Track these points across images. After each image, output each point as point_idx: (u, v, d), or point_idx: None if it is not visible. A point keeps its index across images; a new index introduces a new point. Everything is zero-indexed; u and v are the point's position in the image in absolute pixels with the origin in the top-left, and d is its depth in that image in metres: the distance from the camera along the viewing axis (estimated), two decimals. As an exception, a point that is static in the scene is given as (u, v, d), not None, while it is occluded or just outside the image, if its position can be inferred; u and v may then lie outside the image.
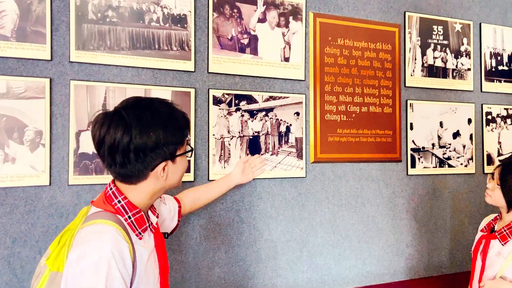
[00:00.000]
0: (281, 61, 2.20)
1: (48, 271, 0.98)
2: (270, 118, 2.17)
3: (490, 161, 2.75)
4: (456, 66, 2.67)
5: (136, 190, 1.07)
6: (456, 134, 2.65)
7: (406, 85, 2.52)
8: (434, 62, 2.60)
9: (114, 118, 1.00)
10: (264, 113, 2.16)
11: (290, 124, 2.21)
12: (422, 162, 2.54)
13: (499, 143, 2.79)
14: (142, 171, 1.04)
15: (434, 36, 2.60)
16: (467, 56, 2.70)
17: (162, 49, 1.96)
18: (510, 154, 2.81)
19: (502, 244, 1.72)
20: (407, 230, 2.48)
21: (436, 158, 2.59)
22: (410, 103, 2.52)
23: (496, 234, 1.76)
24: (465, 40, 2.69)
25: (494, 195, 1.78)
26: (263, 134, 2.15)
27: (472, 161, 2.69)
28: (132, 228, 1.04)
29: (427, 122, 2.57)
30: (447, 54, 2.64)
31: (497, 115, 2.79)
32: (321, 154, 2.27)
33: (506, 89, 2.82)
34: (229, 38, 2.09)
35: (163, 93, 1.93)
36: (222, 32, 2.08)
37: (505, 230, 1.73)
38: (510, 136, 2.82)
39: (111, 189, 1.06)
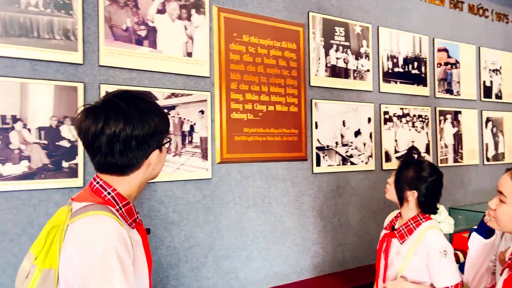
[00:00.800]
0: (184, 56, 2.07)
1: (39, 270, 0.94)
2: (173, 117, 2.03)
3: (388, 158, 2.90)
4: (357, 67, 2.77)
5: (124, 181, 1.05)
6: (357, 133, 2.75)
7: (311, 84, 2.54)
8: (337, 62, 2.67)
9: (110, 109, 0.98)
10: (165, 111, 2.00)
11: (194, 123, 2.09)
12: (326, 160, 2.59)
13: (396, 140, 2.96)
14: (140, 159, 1.03)
15: (336, 37, 2.67)
16: (367, 58, 2.82)
17: (43, 38, 1.71)
18: (406, 151, 3.00)
19: (400, 243, 1.69)
20: (313, 228, 2.51)
21: (340, 156, 2.66)
22: (315, 103, 2.55)
23: (396, 233, 1.73)
24: (364, 42, 2.81)
25: (391, 191, 1.77)
26: (164, 134, 2.00)
27: (372, 158, 2.82)
28: (124, 218, 1.03)
29: (331, 121, 2.62)
30: (348, 55, 2.73)
31: (394, 114, 2.96)
32: (228, 154, 2.19)
33: (401, 90, 3.00)
34: (124, 28, 1.91)
35: (44, 87, 1.69)
36: (115, 21, 1.88)
37: (403, 229, 1.70)
38: (405, 134, 3.01)
39: (97, 182, 1.03)
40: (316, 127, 2.55)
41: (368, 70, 2.82)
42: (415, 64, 3.10)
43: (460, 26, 3.42)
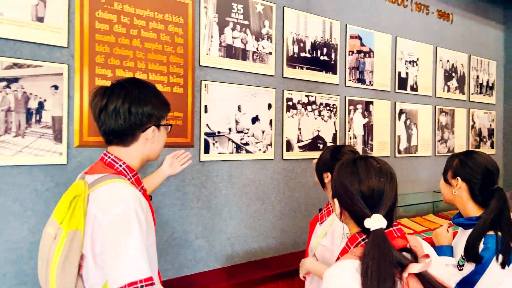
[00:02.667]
0: (32, 20, 1.78)
1: (65, 232, 1.09)
2: (14, 91, 1.73)
3: (289, 147, 2.76)
4: (257, 48, 2.58)
5: (129, 154, 1.24)
6: (255, 119, 2.57)
7: (201, 64, 2.32)
8: (233, 42, 2.47)
9: (116, 89, 1.22)
10: (4, 83, 1.71)
11: (45, 100, 1.81)
12: (217, 148, 2.39)
13: (299, 129, 2.82)
14: (136, 130, 1.23)
15: (233, 15, 2.46)
16: (269, 40, 2.63)
17: None
18: (310, 141, 2.86)
19: (319, 224, 1.75)
20: (197, 220, 2.31)
21: (233, 144, 2.47)
22: (205, 84, 2.34)
23: (318, 215, 1.80)
24: (266, 23, 2.62)
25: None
26: (2, 111, 1.71)
27: (271, 147, 2.66)
28: (135, 185, 1.21)
29: (224, 105, 2.42)
30: (247, 35, 2.53)
31: (298, 102, 2.81)
32: (90, 137, 1.93)
33: (308, 76, 2.85)
34: None
35: None
36: None
37: (324, 211, 1.77)
38: (310, 122, 2.88)
39: (109, 157, 1.23)
40: (206, 111, 2.34)
41: (270, 53, 2.64)
42: (325, 50, 2.96)
43: (375, 13, 3.32)
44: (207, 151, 2.34)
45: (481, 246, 1.45)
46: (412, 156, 3.63)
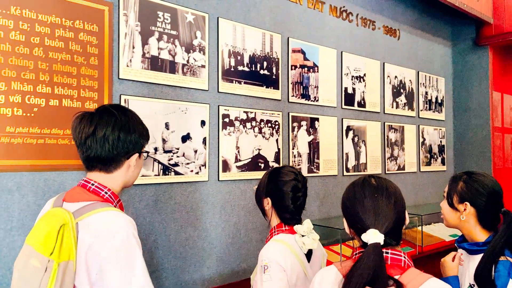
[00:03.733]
0: None
1: (56, 263, 1.04)
2: None
3: (226, 167, 2.55)
4: (188, 61, 2.37)
5: (112, 180, 1.24)
6: (186, 137, 2.35)
7: (121, 77, 2.09)
8: (159, 53, 2.25)
9: (104, 114, 1.22)
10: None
11: None
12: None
13: (238, 148, 2.62)
14: (122, 158, 1.24)
15: (159, 24, 2.25)
16: (202, 52, 2.44)
17: None
18: (250, 160, 2.66)
19: None
20: (114, 253, 2.04)
21: (160, 165, 2.23)
22: (125, 99, 2.10)
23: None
24: (198, 34, 2.43)
25: None
26: None
27: (205, 168, 2.44)
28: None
29: (148, 122, 2.16)
30: (176, 46, 2.32)
31: (236, 118, 2.61)
32: (-25, 160, 1.64)
33: (246, 91, 2.67)
34: None
35: None
36: None
37: (268, 237, 1.67)
38: (250, 140, 2.69)
39: (92, 184, 1.21)
40: (126, 129, 2.09)
41: (203, 66, 2.45)
42: (265, 64, 2.80)
43: (319, 27, 3.21)
44: (127, 173, 2.09)
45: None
46: (361, 174, 3.51)
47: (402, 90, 3.96)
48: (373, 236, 1.05)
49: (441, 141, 4.43)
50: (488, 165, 4.34)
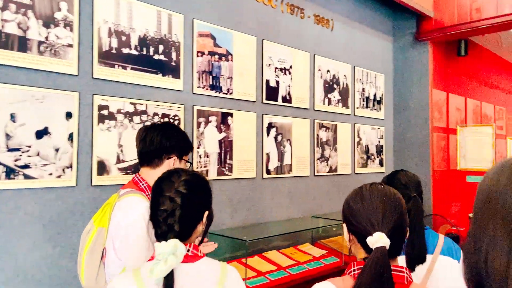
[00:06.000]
0: None
1: (95, 228, 1.49)
2: None
3: (103, 169, 2.10)
4: (47, 38, 1.92)
5: (153, 176, 1.37)
6: (42, 133, 1.89)
7: None
8: (3, 26, 1.79)
9: (151, 128, 1.62)
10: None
11: None
12: (-32, 173, 1.67)
13: (121, 146, 2.18)
14: (163, 156, 1.58)
15: (2, -11, 1.78)
16: (68, 28, 1.99)
17: None
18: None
19: None
20: None
21: (2, 167, 1.77)
22: None
23: None
24: (63, 5, 1.98)
25: None
26: None
27: (72, 170, 1.98)
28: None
29: (-17, 112, 1.71)
30: (29, 18, 1.86)
31: (119, 111, 2.18)
32: None
33: (134, 79, 2.24)
34: None
35: None
36: None
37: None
38: (138, 138, 2.25)
39: (137, 177, 1.58)
40: None
41: (70, 45, 1.99)
42: (161, 47, 2.38)
43: (235, 10, 2.82)
44: None
45: None
46: (286, 176, 3.15)
47: (335, 86, 3.64)
48: (379, 239, 1.00)
49: (379, 141, 4.15)
50: (427, 167, 4.10)
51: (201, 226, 1.18)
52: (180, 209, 1.10)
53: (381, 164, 4.15)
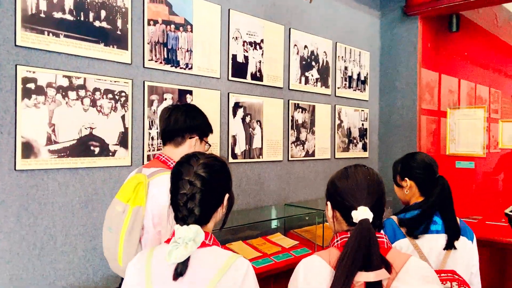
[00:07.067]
0: None
1: (131, 208, 1.45)
2: None
3: (30, 151, 1.84)
4: (-48, -4, 1.63)
5: (177, 154, 1.51)
6: None
7: None
8: None
9: (175, 109, 1.65)
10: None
11: None
12: None
13: (52, 125, 1.91)
14: (185, 135, 1.62)
15: None
16: (-20, -15, 1.70)
17: None
18: (76, 141, 1.96)
19: None
20: None
21: None
22: None
23: None
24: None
25: None
26: None
27: (-12, 152, 1.72)
28: None
29: None
30: None
31: (49, 85, 1.90)
32: None
33: (69, 48, 1.97)
34: None
35: None
36: None
37: None
38: (75, 116, 1.99)
39: (163, 157, 1.62)
40: None
41: (-17, 6, 1.70)
42: (103, 13, 2.09)
43: (194, -26, 2.51)
44: None
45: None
46: (254, 161, 2.89)
47: (314, 63, 3.35)
48: (363, 212, 1.08)
49: (363, 124, 3.88)
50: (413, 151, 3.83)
51: (222, 209, 1.21)
52: (200, 193, 1.12)
53: (364, 148, 3.89)
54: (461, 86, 4.90)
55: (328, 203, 1.21)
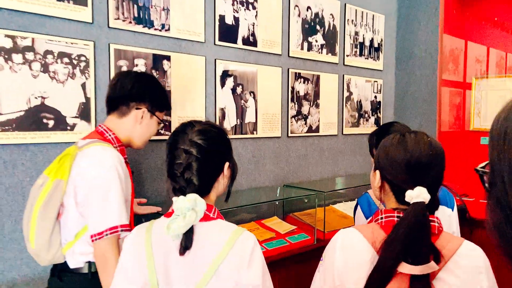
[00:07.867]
0: None
1: (51, 181, 1.28)
2: None
3: (-35, 124, 1.56)
4: None
5: (119, 126, 1.44)
6: None
7: None
8: None
9: (125, 74, 1.50)
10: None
11: None
12: None
13: (-7, 94, 1.63)
14: (131, 104, 1.44)
15: None
16: None
17: None
18: (24, 112, 1.68)
19: None
20: None
21: None
22: None
23: None
24: None
25: None
26: None
27: None
28: (120, 153, 1.38)
29: None
30: None
31: (-13, 46, 1.61)
32: None
33: (13, 3, 1.66)
34: None
35: None
36: None
37: None
38: (21, 83, 1.70)
39: (102, 127, 1.43)
40: None
41: None
42: (54, -39, 1.76)
43: None
44: None
45: None
46: (247, 137, 2.56)
47: (318, 28, 2.95)
48: (421, 194, 0.96)
49: (376, 97, 3.48)
50: (432, 127, 3.43)
51: (223, 179, 1.12)
52: (196, 161, 1.05)
53: (377, 123, 3.50)
54: (490, 55, 4.40)
55: (377, 172, 1.09)
